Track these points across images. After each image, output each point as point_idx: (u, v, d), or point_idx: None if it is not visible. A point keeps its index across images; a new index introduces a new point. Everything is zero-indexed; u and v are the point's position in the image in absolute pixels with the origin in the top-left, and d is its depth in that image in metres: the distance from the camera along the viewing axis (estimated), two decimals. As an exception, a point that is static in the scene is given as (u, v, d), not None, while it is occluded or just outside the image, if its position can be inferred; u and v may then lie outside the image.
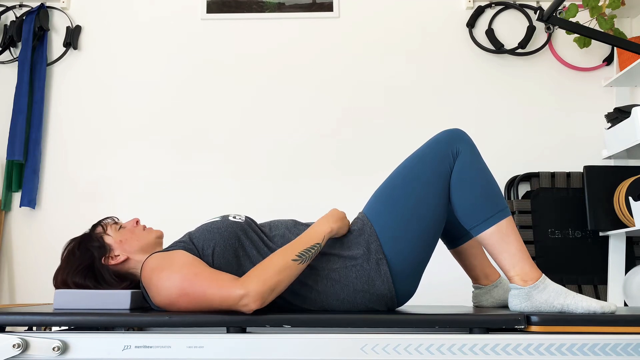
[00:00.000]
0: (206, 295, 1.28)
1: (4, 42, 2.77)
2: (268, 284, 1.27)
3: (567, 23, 2.21)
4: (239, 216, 1.51)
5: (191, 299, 1.29)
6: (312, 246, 1.36)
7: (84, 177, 2.71)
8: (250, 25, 2.80)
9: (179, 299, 1.30)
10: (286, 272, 1.30)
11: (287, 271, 1.31)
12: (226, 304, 1.27)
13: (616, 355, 1.20)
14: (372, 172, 2.63)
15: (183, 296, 1.29)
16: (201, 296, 1.28)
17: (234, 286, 1.26)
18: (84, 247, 1.45)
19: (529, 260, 1.39)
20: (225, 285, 1.27)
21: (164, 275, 1.32)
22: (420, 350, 1.21)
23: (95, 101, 2.77)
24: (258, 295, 1.25)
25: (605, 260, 2.46)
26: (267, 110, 2.74)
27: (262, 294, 1.26)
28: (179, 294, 1.30)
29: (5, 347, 1.19)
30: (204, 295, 1.28)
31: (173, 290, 1.30)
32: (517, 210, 2.54)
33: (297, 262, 1.32)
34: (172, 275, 1.31)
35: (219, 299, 1.27)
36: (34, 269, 2.64)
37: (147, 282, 1.36)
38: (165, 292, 1.31)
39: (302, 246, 1.35)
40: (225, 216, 1.50)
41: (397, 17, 2.79)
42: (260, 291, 1.26)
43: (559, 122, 2.69)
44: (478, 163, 1.44)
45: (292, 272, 1.32)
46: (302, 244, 1.35)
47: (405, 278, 1.43)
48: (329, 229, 1.40)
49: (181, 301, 1.30)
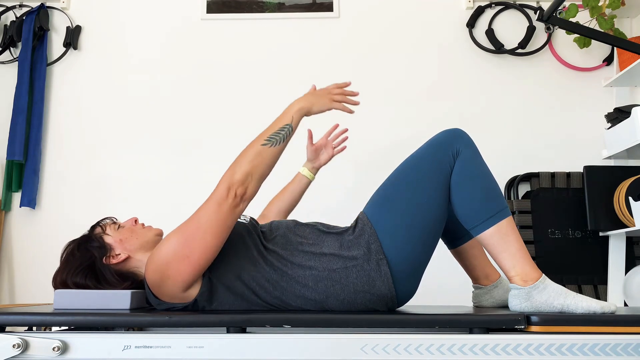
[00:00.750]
0: (201, 224, 1.30)
1: (4, 42, 2.77)
2: (243, 170, 1.32)
3: (567, 23, 2.21)
4: (244, 216, 1.52)
5: (192, 244, 1.29)
6: (282, 128, 1.37)
7: (84, 177, 2.71)
8: (250, 25, 2.80)
9: (181, 250, 1.30)
10: (259, 158, 1.33)
11: (259, 157, 1.34)
12: (223, 212, 1.30)
13: (616, 355, 1.20)
14: (372, 172, 2.63)
15: (184, 246, 1.30)
16: (198, 231, 1.30)
17: (218, 193, 1.31)
18: (83, 248, 1.45)
19: (529, 260, 1.39)
20: (209, 200, 1.31)
21: (161, 248, 1.33)
22: (420, 350, 1.21)
23: (95, 101, 2.77)
24: (238, 182, 1.31)
25: (605, 260, 2.46)
26: (266, 110, 2.73)
27: (241, 180, 1.31)
28: (178, 246, 1.30)
29: (5, 347, 1.19)
30: (198, 226, 1.30)
31: (172, 247, 1.31)
32: (517, 210, 2.54)
33: (267, 145, 1.35)
34: (168, 241, 1.33)
35: (214, 214, 1.30)
36: (34, 269, 2.64)
37: (149, 273, 1.35)
38: (164, 256, 1.31)
39: (271, 130, 1.37)
40: None
41: (397, 17, 2.79)
42: (238, 178, 1.31)
43: (559, 122, 2.69)
44: (478, 163, 1.44)
45: (266, 156, 1.34)
46: (272, 128, 1.37)
47: (406, 278, 1.43)
48: (297, 107, 1.41)
49: (184, 252, 1.29)
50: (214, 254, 1.34)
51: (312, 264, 1.40)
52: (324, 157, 1.90)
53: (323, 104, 1.46)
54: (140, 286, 1.47)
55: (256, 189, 1.35)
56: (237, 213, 1.34)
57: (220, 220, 1.32)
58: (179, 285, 1.33)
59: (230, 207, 1.32)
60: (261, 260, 1.40)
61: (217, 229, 1.32)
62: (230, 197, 1.31)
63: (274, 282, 1.39)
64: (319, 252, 1.42)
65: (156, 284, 1.35)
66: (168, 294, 1.36)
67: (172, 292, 1.35)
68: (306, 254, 1.42)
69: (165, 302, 1.38)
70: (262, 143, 1.36)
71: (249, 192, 1.34)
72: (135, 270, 1.46)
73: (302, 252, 1.42)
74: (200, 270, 1.33)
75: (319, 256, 1.41)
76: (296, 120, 1.40)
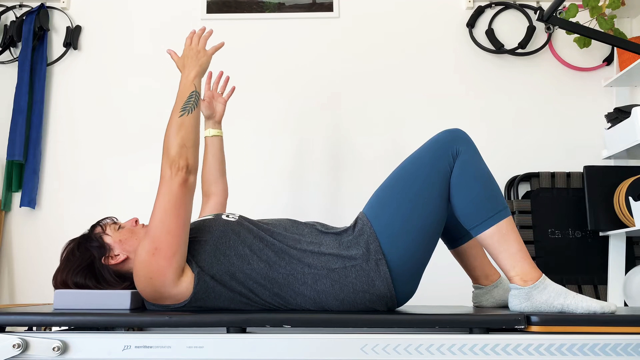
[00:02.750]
0: (159, 213, 1.33)
1: (4, 42, 2.77)
2: (175, 144, 1.36)
3: (567, 23, 2.21)
4: (233, 215, 1.51)
5: (157, 235, 1.32)
6: (189, 96, 1.43)
7: (84, 177, 2.71)
8: (250, 25, 2.80)
9: (150, 245, 1.33)
10: (183, 129, 1.38)
11: (183, 127, 1.38)
12: (174, 190, 1.33)
13: (616, 355, 1.20)
14: (372, 172, 2.64)
15: (151, 241, 1.33)
16: (158, 221, 1.33)
17: (163, 175, 1.35)
18: (83, 248, 1.45)
19: (529, 260, 1.39)
20: (159, 188, 1.35)
21: (136, 254, 1.37)
22: (420, 350, 1.21)
23: (95, 101, 2.77)
24: (176, 155, 1.35)
25: (605, 260, 2.46)
26: (266, 110, 2.74)
27: (178, 153, 1.35)
28: (147, 244, 1.33)
29: (5, 347, 1.19)
30: (157, 217, 1.33)
31: (142, 247, 1.34)
32: (517, 210, 2.54)
33: (184, 114, 1.40)
34: (140, 245, 1.36)
35: (167, 195, 1.33)
36: (34, 269, 2.64)
37: (137, 283, 1.37)
38: (139, 259, 1.34)
39: (181, 102, 1.42)
40: (218, 214, 1.52)
41: (397, 17, 2.79)
42: (174, 153, 1.35)
43: (559, 122, 2.69)
44: (478, 163, 1.44)
45: (188, 124, 1.39)
46: (180, 101, 1.43)
47: (405, 278, 1.43)
48: (192, 75, 1.48)
49: (153, 246, 1.32)
50: (181, 238, 1.34)
51: (311, 261, 1.40)
52: (219, 108, 1.97)
53: (204, 59, 1.54)
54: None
55: (195, 157, 1.38)
56: (190, 187, 1.37)
57: (175, 199, 1.34)
58: (164, 281, 1.33)
59: (180, 183, 1.34)
60: (255, 258, 1.40)
61: (174, 210, 1.33)
62: (174, 172, 1.34)
63: (270, 278, 1.39)
64: (318, 251, 1.42)
65: (146, 290, 1.36)
66: (161, 296, 1.36)
67: (163, 292, 1.35)
68: (304, 252, 1.42)
69: (171, 305, 1.38)
70: (179, 115, 1.40)
71: (191, 162, 1.37)
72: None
73: (300, 249, 1.42)
74: (175, 259, 1.33)
75: (317, 255, 1.41)
76: (198, 85, 1.48)
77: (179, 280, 1.35)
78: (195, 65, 1.51)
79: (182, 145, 1.36)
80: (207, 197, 1.91)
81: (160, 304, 1.38)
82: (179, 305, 1.38)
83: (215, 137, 1.94)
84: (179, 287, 1.35)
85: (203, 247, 1.39)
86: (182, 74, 1.51)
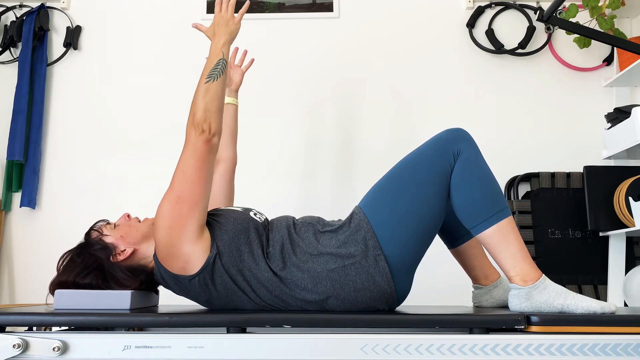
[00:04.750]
0: (182, 166, 1.39)
1: (4, 42, 2.77)
2: (200, 108, 1.40)
3: (567, 23, 2.21)
4: (260, 215, 1.52)
5: (180, 185, 1.38)
6: (217, 63, 1.48)
7: (84, 177, 2.70)
8: (250, 25, 2.80)
9: (172, 195, 1.38)
10: (209, 95, 1.42)
11: (208, 94, 1.43)
12: (199, 148, 1.38)
13: (616, 355, 1.20)
14: (372, 172, 2.63)
15: (173, 190, 1.38)
16: (182, 173, 1.38)
17: (187, 137, 1.40)
18: (85, 254, 1.44)
19: (529, 260, 1.39)
20: (184, 148, 1.40)
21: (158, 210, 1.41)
22: (420, 350, 1.21)
23: (95, 101, 2.76)
24: (201, 119, 1.39)
25: (605, 260, 2.46)
26: (266, 110, 2.74)
27: (203, 117, 1.40)
28: (169, 195, 1.38)
29: (5, 347, 1.19)
30: (184, 172, 1.38)
31: (164, 200, 1.38)
32: (517, 210, 2.54)
33: (211, 81, 1.44)
34: (161, 200, 1.40)
35: (191, 153, 1.38)
36: (34, 269, 2.64)
37: (157, 239, 1.39)
38: (161, 211, 1.38)
39: (208, 69, 1.47)
40: (247, 209, 1.52)
41: (397, 18, 2.79)
42: (199, 117, 1.40)
43: (559, 122, 2.69)
44: (479, 163, 1.44)
45: (214, 91, 1.43)
46: (208, 67, 1.47)
47: (403, 274, 1.43)
48: (222, 42, 1.52)
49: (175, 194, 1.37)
50: (203, 190, 1.38)
51: (310, 265, 1.40)
52: (237, 78, 2.00)
53: (233, 27, 1.57)
54: (152, 282, 1.47)
55: (219, 122, 1.43)
56: (213, 146, 1.41)
57: (198, 154, 1.39)
58: (183, 233, 1.35)
59: (204, 141, 1.39)
60: (263, 261, 1.40)
61: (198, 163, 1.39)
62: (199, 133, 1.39)
63: (273, 283, 1.40)
64: (316, 253, 1.41)
65: (162, 242, 1.37)
66: (176, 252, 1.36)
67: (179, 246, 1.36)
68: (304, 256, 1.41)
69: (180, 276, 1.38)
70: (205, 81, 1.44)
71: (214, 125, 1.41)
72: (144, 262, 1.46)
73: (299, 254, 1.42)
74: (197, 209, 1.37)
75: (316, 257, 1.41)
76: (226, 53, 1.51)
77: (196, 239, 1.37)
78: (225, 33, 1.54)
79: (207, 110, 1.41)
80: (217, 163, 1.90)
81: (169, 269, 1.38)
82: (184, 276, 1.37)
83: (230, 105, 1.96)
84: (195, 247, 1.37)
85: (223, 235, 1.41)
86: (212, 41, 1.54)
